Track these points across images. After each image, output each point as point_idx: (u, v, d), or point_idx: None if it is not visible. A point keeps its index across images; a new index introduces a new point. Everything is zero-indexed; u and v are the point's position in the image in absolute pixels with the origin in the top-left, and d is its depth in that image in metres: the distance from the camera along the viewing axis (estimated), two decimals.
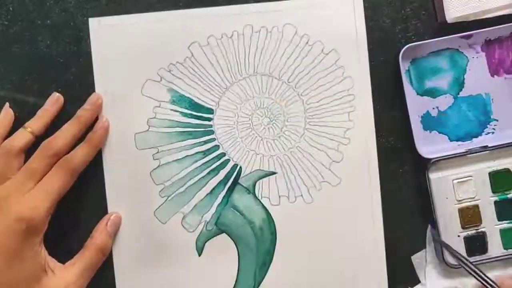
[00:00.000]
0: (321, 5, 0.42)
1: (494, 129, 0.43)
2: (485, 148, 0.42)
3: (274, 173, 0.42)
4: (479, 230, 0.43)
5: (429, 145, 0.43)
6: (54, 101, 0.41)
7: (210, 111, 0.42)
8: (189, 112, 0.42)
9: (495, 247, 0.43)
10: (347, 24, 0.42)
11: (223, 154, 0.42)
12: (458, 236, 0.43)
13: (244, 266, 0.42)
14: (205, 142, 0.42)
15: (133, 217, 0.42)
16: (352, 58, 0.42)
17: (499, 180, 0.43)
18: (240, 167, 0.42)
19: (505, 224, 0.43)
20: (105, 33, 0.41)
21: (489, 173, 0.43)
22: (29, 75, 0.41)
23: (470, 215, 0.42)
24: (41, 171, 0.38)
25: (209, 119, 0.42)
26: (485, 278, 0.38)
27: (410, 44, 0.41)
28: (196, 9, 0.42)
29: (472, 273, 0.39)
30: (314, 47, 0.42)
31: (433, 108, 0.43)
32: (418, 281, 0.44)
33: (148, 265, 0.42)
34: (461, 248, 0.42)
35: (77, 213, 0.42)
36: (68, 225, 0.42)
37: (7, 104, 0.41)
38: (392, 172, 0.43)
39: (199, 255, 0.42)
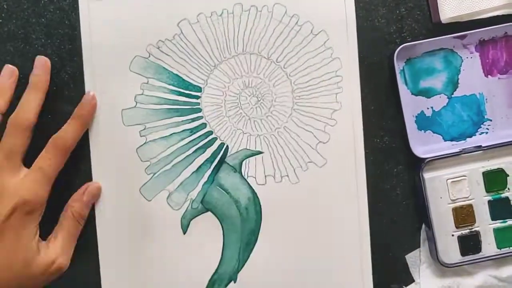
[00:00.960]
0: None
1: (488, 129, 0.44)
2: (479, 148, 0.42)
3: (260, 152, 0.42)
4: (473, 230, 0.43)
5: (423, 145, 0.43)
6: (10, 75, 0.39)
7: (198, 89, 0.42)
8: (177, 89, 0.42)
9: (488, 246, 0.43)
10: (336, 5, 0.42)
11: (210, 133, 0.42)
12: (452, 235, 0.43)
13: (229, 245, 0.42)
14: (193, 120, 0.42)
15: (118, 193, 0.42)
16: (341, 39, 0.42)
17: (492, 179, 0.43)
18: (227, 146, 0.42)
19: (498, 224, 0.43)
20: (94, 10, 0.41)
21: (483, 173, 0.43)
22: (24, 74, 0.41)
23: (464, 215, 0.43)
24: (19, 146, 0.37)
25: (197, 97, 0.42)
26: None
27: (404, 44, 0.41)
28: None
29: None
30: (303, 28, 0.42)
31: (428, 108, 0.43)
32: (412, 280, 0.44)
33: (133, 242, 0.42)
34: (455, 248, 0.43)
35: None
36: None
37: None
38: (387, 172, 0.43)
39: (184, 233, 0.42)
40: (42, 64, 0.40)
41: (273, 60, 0.42)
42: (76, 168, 0.42)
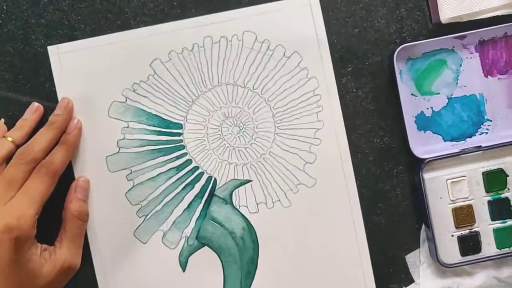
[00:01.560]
0: (278, 9, 0.42)
1: (487, 129, 0.43)
2: (478, 148, 0.42)
3: (249, 181, 0.42)
4: (472, 230, 0.43)
5: (423, 145, 0.43)
6: (34, 111, 0.41)
7: (179, 126, 0.42)
8: (158, 129, 0.42)
9: (488, 247, 0.43)
10: (306, 25, 0.42)
11: (197, 168, 0.42)
12: (452, 235, 0.43)
13: (229, 276, 0.42)
14: (177, 157, 0.42)
15: (114, 240, 0.42)
16: (314, 58, 0.42)
17: (492, 180, 0.43)
18: (215, 179, 0.42)
19: (498, 224, 0.43)
20: (66, 60, 0.41)
21: (483, 173, 0.43)
22: (23, 74, 0.41)
23: (463, 215, 0.42)
24: (20, 178, 0.38)
25: (179, 134, 0.42)
26: None
27: (404, 45, 0.41)
28: (154, 26, 0.42)
29: None
30: (275, 52, 0.42)
31: (427, 108, 0.43)
32: (412, 281, 0.44)
33: (134, 286, 0.42)
34: (454, 248, 0.42)
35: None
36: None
37: (2, 120, 0.41)
38: (387, 172, 0.43)
39: (184, 270, 0.42)
40: (64, 106, 0.40)
41: (250, 87, 0.42)
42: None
